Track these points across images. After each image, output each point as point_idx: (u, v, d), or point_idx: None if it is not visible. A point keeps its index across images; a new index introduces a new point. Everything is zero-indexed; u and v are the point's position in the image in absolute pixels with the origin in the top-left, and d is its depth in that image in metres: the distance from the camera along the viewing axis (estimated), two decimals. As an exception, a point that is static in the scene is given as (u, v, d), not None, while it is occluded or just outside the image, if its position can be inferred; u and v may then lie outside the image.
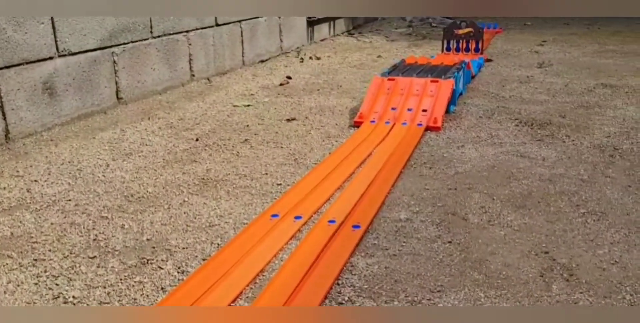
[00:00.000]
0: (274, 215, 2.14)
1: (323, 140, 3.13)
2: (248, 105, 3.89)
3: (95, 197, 2.36)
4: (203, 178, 2.56)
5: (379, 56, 5.81)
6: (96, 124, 3.41)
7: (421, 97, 3.46)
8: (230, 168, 2.69)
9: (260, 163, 2.76)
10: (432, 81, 3.55)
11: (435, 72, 3.83)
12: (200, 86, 4.45)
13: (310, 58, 5.73)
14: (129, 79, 3.82)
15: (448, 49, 5.56)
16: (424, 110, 3.35)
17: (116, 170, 2.67)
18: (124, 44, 3.74)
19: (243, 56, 5.20)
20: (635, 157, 2.77)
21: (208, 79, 4.65)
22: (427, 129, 3.23)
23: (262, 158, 2.84)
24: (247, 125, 3.40)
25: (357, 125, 3.35)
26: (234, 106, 3.87)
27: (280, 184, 2.50)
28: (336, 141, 3.10)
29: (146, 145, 3.04)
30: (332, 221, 2.08)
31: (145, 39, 3.93)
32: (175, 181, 2.54)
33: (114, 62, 3.67)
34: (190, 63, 4.46)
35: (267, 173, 2.63)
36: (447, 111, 3.55)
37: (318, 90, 4.33)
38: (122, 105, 3.80)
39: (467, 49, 5.51)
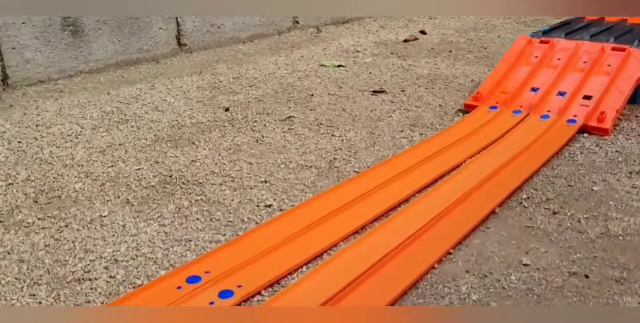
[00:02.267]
0: (192, 279, 1.13)
1: (402, 130, 1.96)
2: (339, 66, 2.80)
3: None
4: (165, 177, 1.62)
5: None
6: (134, 75, 2.63)
7: (588, 73, 2.05)
8: (220, 165, 1.69)
9: (274, 160, 1.72)
10: (614, 49, 2.10)
11: (628, 34, 2.33)
12: (301, 36, 3.45)
13: (470, 9, 4.33)
14: (197, 22, 2.96)
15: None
16: (587, 97, 1.96)
17: (71, 146, 1.85)
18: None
19: None
20: None
21: (317, 28, 3.62)
22: (585, 129, 1.86)
23: (287, 151, 1.79)
24: (312, 95, 2.34)
25: (468, 109, 2.09)
26: (321, 65, 2.82)
27: (263, 208, 1.45)
28: (420, 134, 1.91)
29: (158, 110, 2.17)
30: None
31: (226, -29, 3.01)
32: (117, 179, 1.62)
33: None
34: (294, 6, 3.46)
35: (266, 181, 1.58)
36: (634, 101, 2.10)
37: (450, 51, 3.05)
38: (185, 53, 2.97)
39: None
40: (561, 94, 2.00)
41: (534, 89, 2.05)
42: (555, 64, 2.13)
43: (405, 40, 3.36)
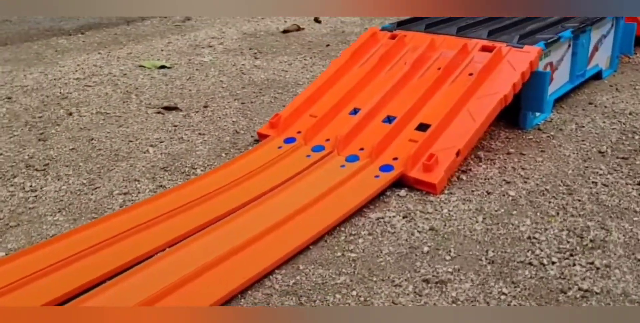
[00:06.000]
0: None
1: (137, 179, 1.25)
2: (161, 67, 2.08)
3: None
4: None
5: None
6: None
7: (435, 86, 1.32)
8: None
9: None
10: (483, 48, 1.37)
11: (518, 26, 1.59)
12: (158, 26, 2.72)
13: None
14: None
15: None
16: (423, 127, 1.24)
17: None
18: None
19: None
20: None
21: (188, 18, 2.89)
22: (404, 180, 1.14)
23: None
24: (71, 114, 1.63)
25: (261, 138, 1.38)
26: (139, 66, 2.10)
27: None
28: (158, 188, 1.20)
29: None
30: None
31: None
32: None
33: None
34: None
35: None
36: (524, 125, 1.38)
37: (327, 46, 2.33)
38: (-29, 51, 2.26)
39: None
40: (389, 119, 1.27)
41: (355, 111, 1.33)
42: (397, 71, 1.40)
43: (285, 31, 2.63)
